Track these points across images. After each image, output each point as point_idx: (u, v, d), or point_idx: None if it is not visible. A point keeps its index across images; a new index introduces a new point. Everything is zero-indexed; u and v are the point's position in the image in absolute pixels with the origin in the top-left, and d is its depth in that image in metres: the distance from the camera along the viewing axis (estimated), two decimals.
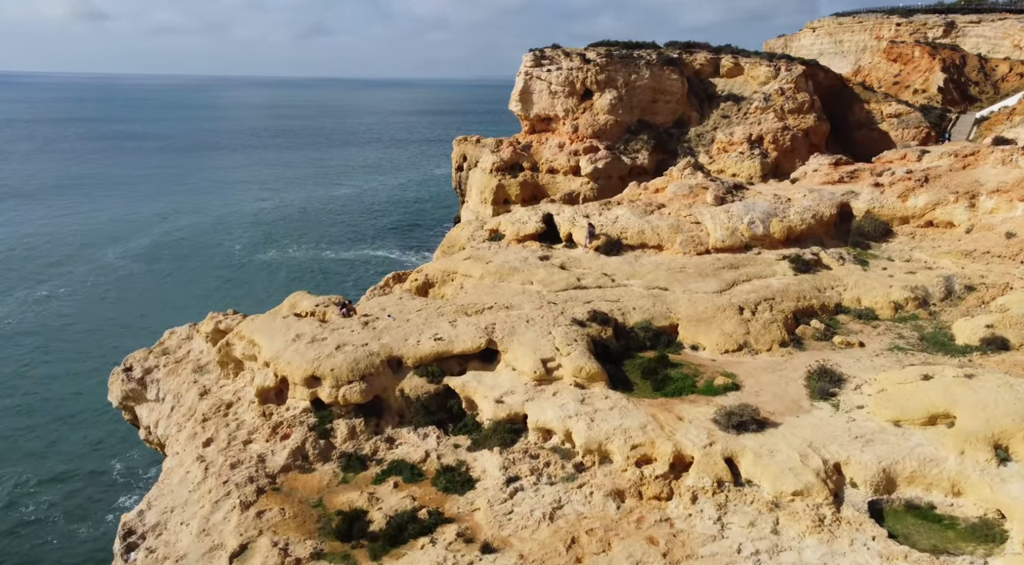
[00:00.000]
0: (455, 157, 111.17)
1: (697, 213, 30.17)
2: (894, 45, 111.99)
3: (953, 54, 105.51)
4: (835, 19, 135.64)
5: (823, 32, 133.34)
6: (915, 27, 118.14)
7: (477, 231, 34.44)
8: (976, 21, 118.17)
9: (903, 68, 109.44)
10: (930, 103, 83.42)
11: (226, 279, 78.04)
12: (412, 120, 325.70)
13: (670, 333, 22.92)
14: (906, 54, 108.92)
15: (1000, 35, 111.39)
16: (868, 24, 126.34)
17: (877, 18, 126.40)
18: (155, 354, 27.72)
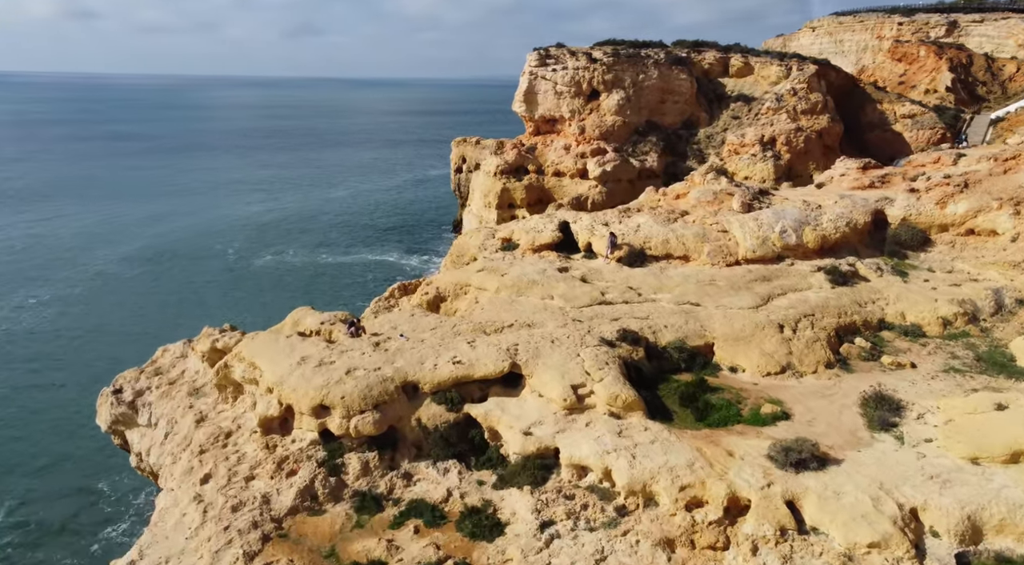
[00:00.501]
0: (454, 159, 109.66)
1: (724, 221, 28.74)
2: (899, 44, 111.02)
3: (960, 53, 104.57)
4: (835, 18, 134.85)
5: (823, 32, 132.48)
6: (917, 26, 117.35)
7: (488, 240, 32.95)
8: (979, 20, 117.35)
9: (908, 68, 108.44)
10: (942, 103, 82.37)
11: (220, 285, 76.43)
12: (405, 120, 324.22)
13: (705, 353, 21.47)
14: (911, 54, 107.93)
15: (1004, 34, 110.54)
16: (869, 23, 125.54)
17: (878, 17, 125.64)
18: (147, 374, 26.11)
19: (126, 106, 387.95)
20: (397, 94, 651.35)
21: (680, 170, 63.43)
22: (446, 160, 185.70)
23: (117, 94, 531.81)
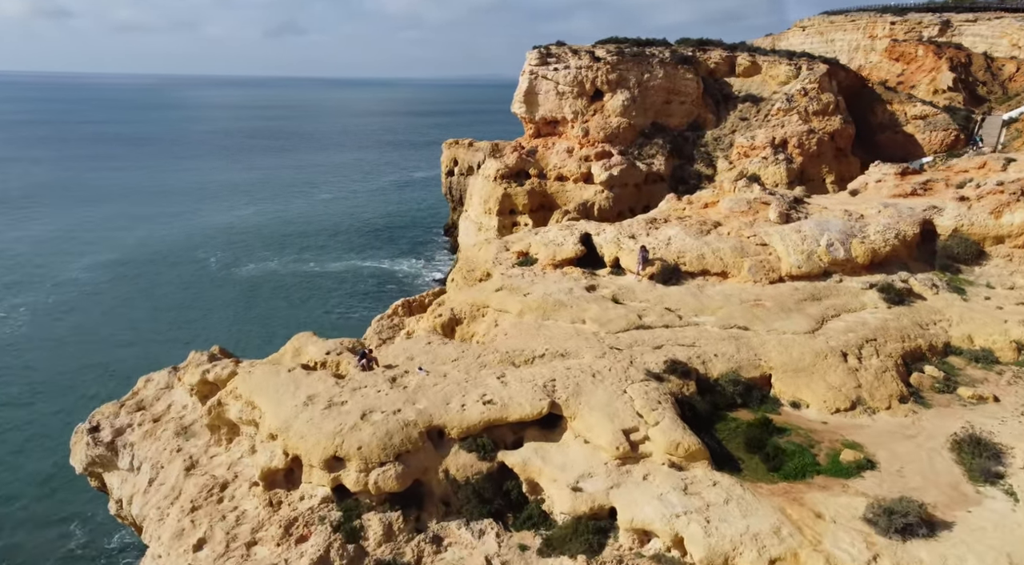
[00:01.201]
0: (445, 161, 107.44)
1: (763, 234, 26.75)
2: (896, 44, 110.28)
3: (959, 53, 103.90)
4: (826, 17, 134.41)
5: (813, 31, 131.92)
6: (910, 26, 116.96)
7: (501, 253, 30.74)
8: (972, 20, 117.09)
9: (907, 67, 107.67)
10: (951, 104, 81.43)
11: (203, 297, 73.47)
12: (389, 121, 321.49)
13: (762, 385, 19.42)
14: (909, 53, 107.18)
15: (997, 34, 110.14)
16: (861, 23, 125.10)
17: (870, 16, 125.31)
18: (127, 409, 23.64)
19: (103, 106, 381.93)
20: (379, 94, 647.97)
21: (688, 173, 61.71)
22: (432, 161, 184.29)
23: (94, 94, 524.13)
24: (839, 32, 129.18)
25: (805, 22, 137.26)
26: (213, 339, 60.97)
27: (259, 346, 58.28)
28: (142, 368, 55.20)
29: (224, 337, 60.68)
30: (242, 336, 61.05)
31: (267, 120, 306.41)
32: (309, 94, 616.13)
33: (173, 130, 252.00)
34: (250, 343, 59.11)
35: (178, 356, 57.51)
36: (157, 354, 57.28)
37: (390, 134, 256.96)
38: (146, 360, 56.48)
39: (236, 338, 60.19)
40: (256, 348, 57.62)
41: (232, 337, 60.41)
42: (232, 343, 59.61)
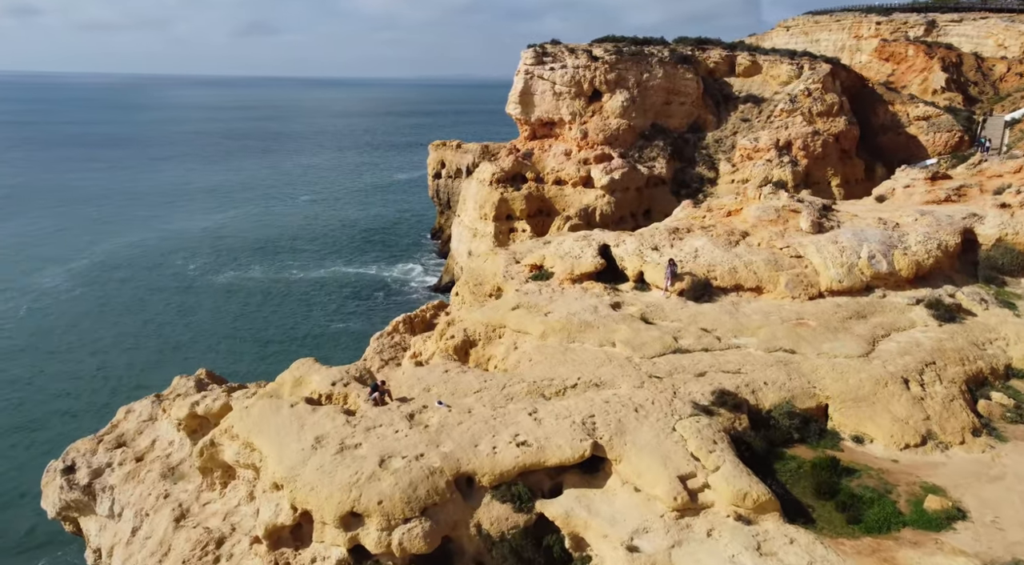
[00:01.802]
0: (432, 163, 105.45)
1: (796, 245, 25.23)
2: (886, 43, 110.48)
3: (949, 53, 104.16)
4: (810, 17, 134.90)
5: (798, 31, 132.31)
6: (895, 26, 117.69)
7: (511, 266, 28.94)
8: (958, 20, 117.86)
9: (897, 67, 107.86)
10: (952, 104, 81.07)
11: (183, 306, 70.73)
12: (367, 121, 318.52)
13: (818, 417, 17.81)
14: (899, 53, 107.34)
15: (983, 34, 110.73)
16: (846, 23, 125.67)
17: (855, 16, 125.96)
18: (106, 445, 21.50)
19: (71, 106, 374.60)
20: (355, 94, 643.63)
21: (689, 177, 60.37)
22: (414, 163, 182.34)
23: (62, 94, 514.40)
24: (824, 32, 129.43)
25: (789, 22, 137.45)
26: (195, 353, 58.70)
27: (249, 364, 55.83)
28: (119, 387, 52.84)
29: (208, 351, 58.20)
30: (227, 351, 58.61)
31: (243, 121, 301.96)
32: (284, 94, 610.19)
33: (146, 131, 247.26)
34: (238, 360, 56.68)
35: (159, 373, 55.00)
36: (135, 370, 54.83)
37: (368, 135, 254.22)
38: (124, 377, 54.00)
39: (221, 353, 57.78)
40: (245, 366, 55.18)
41: (217, 352, 58.02)
42: (218, 359, 57.09)
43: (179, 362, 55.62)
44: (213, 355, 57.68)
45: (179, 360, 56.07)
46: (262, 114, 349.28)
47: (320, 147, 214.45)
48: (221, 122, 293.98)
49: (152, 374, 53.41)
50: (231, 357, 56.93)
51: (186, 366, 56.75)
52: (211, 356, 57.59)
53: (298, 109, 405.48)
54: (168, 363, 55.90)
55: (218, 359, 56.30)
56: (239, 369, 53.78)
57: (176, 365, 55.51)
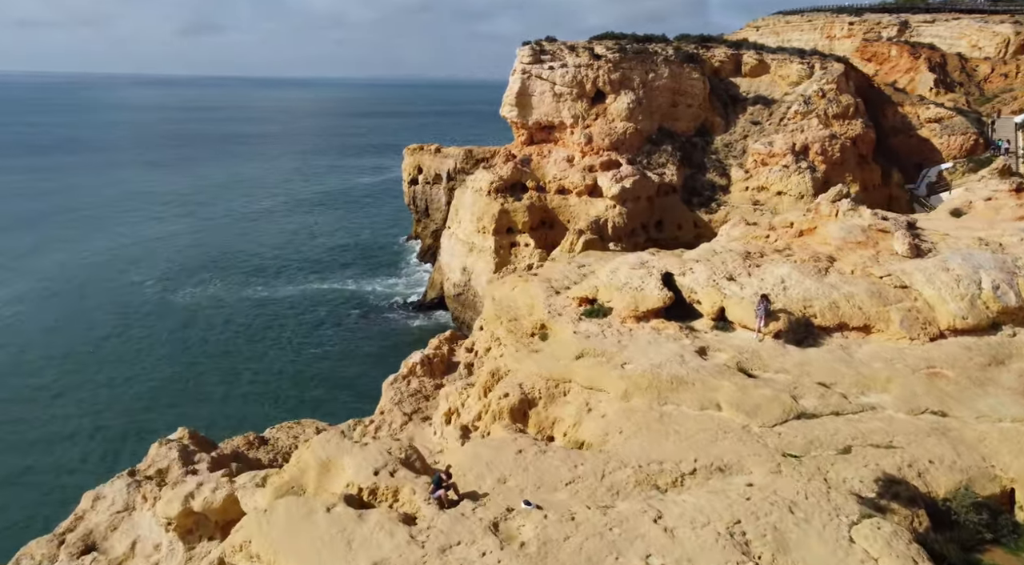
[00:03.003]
0: (408, 168, 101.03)
1: (898, 272, 22.06)
2: (868, 43, 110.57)
3: (933, 53, 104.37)
4: (781, 17, 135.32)
5: (768, 31, 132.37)
6: (869, 26, 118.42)
7: (552, 297, 25.24)
8: (930, 21, 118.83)
9: (879, 68, 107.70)
10: (956, 105, 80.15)
11: (144, 332, 64.79)
12: (322, 123, 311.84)
13: (1004, 505, 14.47)
14: (882, 53, 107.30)
15: (956, 35, 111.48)
16: (818, 23, 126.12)
17: (827, 16, 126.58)
18: (70, 549, 17.19)
19: (4, 107, 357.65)
20: (306, 94, 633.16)
21: (700, 184, 57.52)
22: (377, 166, 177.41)
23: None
24: (795, 32, 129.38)
25: (759, 22, 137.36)
26: (157, 392, 53.09)
27: (220, 405, 50.38)
28: (76, 433, 46.90)
29: (178, 388, 52.61)
30: (202, 386, 53.35)
31: (192, 123, 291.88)
32: (232, 94, 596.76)
33: (86, 134, 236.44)
34: (206, 399, 51.48)
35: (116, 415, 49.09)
36: (94, 415, 49.03)
37: (325, 137, 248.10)
38: (75, 420, 48.12)
39: (194, 390, 52.58)
40: (216, 407, 49.78)
41: (189, 388, 52.77)
42: (192, 399, 50.91)
43: (139, 401, 50.42)
44: (183, 389, 52.50)
45: (139, 399, 50.86)
46: (212, 115, 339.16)
47: (277, 150, 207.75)
48: (169, 124, 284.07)
49: (109, 416, 48.18)
50: (198, 396, 51.85)
51: (148, 407, 51.22)
52: (181, 390, 52.46)
53: (249, 110, 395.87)
54: (126, 401, 50.67)
55: (192, 395, 51.24)
56: (210, 413, 48.90)
57: (135, 404, 50.27)
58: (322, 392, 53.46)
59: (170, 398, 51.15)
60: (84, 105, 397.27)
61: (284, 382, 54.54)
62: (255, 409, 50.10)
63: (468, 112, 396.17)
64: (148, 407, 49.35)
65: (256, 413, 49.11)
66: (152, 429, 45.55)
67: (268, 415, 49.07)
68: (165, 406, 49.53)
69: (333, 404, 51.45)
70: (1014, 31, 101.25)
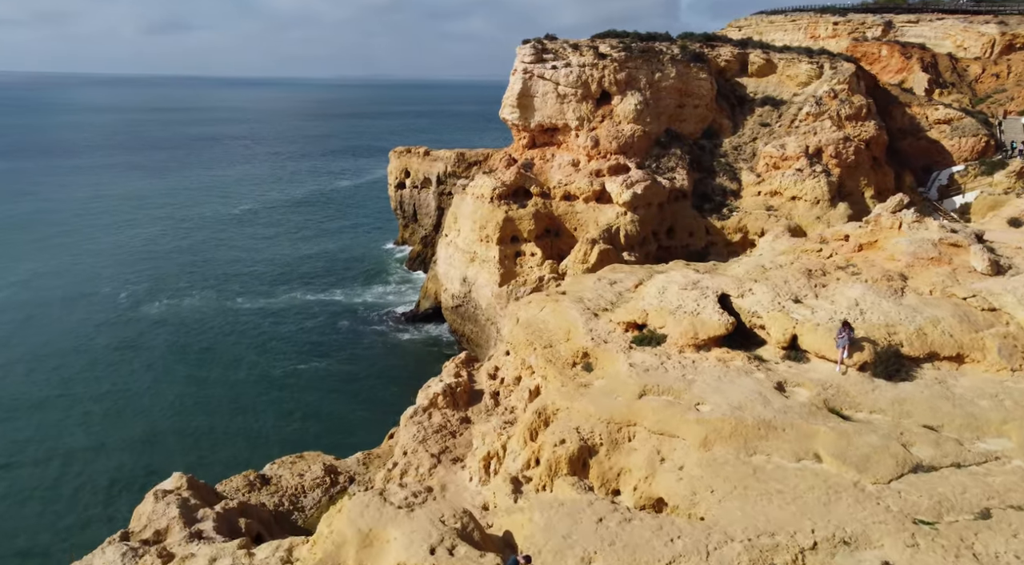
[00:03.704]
0: (394, 172, 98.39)
1: (984, 293, 20.17)
2: (858, 43, 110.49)
3: (924, 53, 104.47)
4: (764, 17, 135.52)
5: (750, 31, 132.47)
6: (853, 26, 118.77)
7: (592, 321, 23.04)
8: (915, 21, 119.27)
9: (869, 68, 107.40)
10: (960, 105, 79.39)
11: (111, 353, 61.25)
12: (295, 124, 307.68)
13: None
14: (872, 53, 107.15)
15: (940, 35, 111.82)
16: (802, 23, 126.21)
17: (811, 16, 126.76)
18: None
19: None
20: (278, 94, 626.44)
21: (711, 189, 55.75)
22: (356, 168, 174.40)
23: None
24: (779, 32, 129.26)
25: (741, 22, 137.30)
26: (141, 419, 49.28)
27: (218, 435, 46.90)
28: (49, 491, 42.47)
29: (158, 416, 49.05)
30: (184, 414, 50.11)
31: (160, 125, 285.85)
32: (201, 94, 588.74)
33: (49, 137, 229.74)
34: (204, 430, 48.02)
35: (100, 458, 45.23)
36: (65, 456, 45.33)
37: (299, 139, 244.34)
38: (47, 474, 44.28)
39: (176, 418, 49.32)
40: (214, 437, 46.42)
41: (169, 417, 49.49)
42: (175, 430, 47.34)
43: (116, 435, 46.71)
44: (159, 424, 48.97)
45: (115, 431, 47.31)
46: (181, 117, 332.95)
47: (250, 152, 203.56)
48: (137, 126, 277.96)
49: (84, 458, 44.33)
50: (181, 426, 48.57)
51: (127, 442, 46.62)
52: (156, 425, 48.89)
53: (219, 111, 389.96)
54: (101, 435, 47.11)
55: (167, 430, 47.82)
56: (196, 445, 45.77)
57: (112, 439, 46.44)
58: (316, 415, 50.66)
59: (150, 429, 47.85)
60: (47, 106, 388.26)
61: (273, 405, 51.63)
62: (245, 437, 47.22)
63: (443, 112, 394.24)
64: (128, 443, 45.80)
65: (247, 442, 46.30)
66: (135, 471, 42.32)
67: (260, 443, 46.26)
68: (146, 441, 46.07)
69: (330, 428, 48.74)
70: (999, 31, 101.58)
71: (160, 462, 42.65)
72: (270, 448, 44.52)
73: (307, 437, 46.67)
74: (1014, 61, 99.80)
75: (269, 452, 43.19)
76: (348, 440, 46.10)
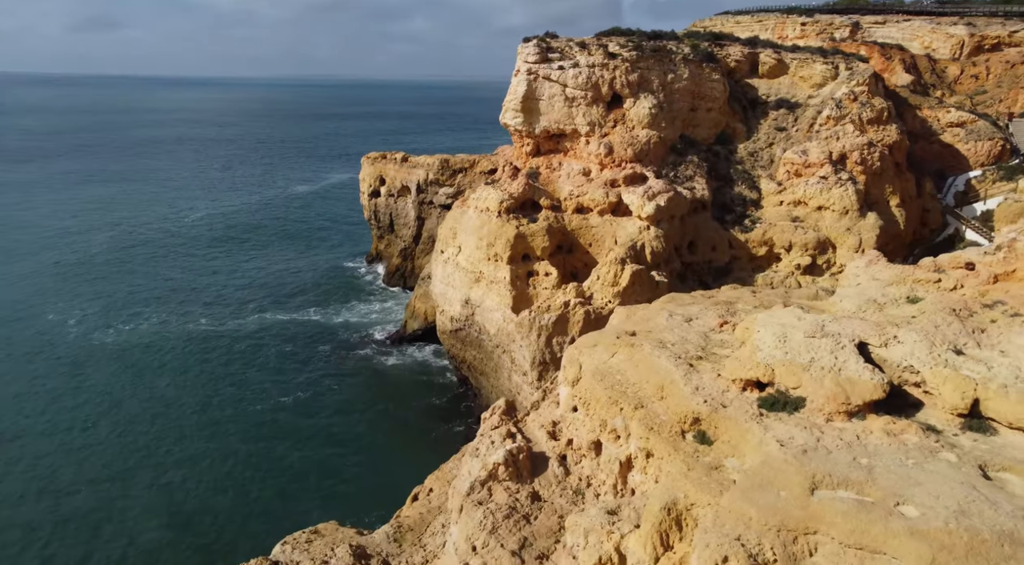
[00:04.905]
0: (368, 179, 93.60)
1: None
2: (835, 43, 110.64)
3: (903, 54, 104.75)
4: (730, 18, 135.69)
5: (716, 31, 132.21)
6: (821, 27, 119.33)
7: (693, 375, 19.37)
8: (881, 22, 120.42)
9: None
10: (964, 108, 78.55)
11: (67, 389, 55.08)
12: (241, 126, 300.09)
13: None
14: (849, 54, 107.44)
15: (908, 36, 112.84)
16: (769, 23, 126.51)
17: (778, 17, 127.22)
18: None
19: None
20: (218, 95, 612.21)
21: (730, 198, 52.79)
22: (312, 172, 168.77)
23: None
24: (745, 33, 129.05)
25: (706, 22, 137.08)
26: (105, 485, 43.36)
27: (198, 497, 40.87)
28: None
29: (125, 479, 43.06)
30: (156, 472, 44.55)
31: (96, 128, 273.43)
32: (137, 95, 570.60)
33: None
34: (178, 496, 42.46)
35: (33, 533, 39.09)
36: (26, 514, 39.54)
37: (248, 141, 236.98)
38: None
39: (145, 481, 43.71)
40: (191, 501, 40.50)
41: (137, 478, 43.83)
42: (144, 499, 41.05)
43: (68, 507, 40.89)
44: (123, 489, 43.45)
45: (69, 500, 41.54)
46: (118, 119, 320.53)
47: (198, 157, 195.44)
48: (70, 129, 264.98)
49: (23, 541, 38.52)
50: (151, 491, 43.17)
51: (81, 517, 40.18)
52: (120, 491, 43.38)
53: (159, 112, 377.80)
54: (44, 508, 41.34)
55: (133, 498, 42.25)
56: (169, 521, 40.22)
57: (65, 511, 40.62)
58: (311, 463, 45.51)
59: (112, 496, 42.02)
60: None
61: (260, 455, 46.38)
62: (233, 498, 41.96)
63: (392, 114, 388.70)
64: (79, 518, 39.84)
65: (236, 505, 41.13)
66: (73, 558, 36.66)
67: (253, 507, 41.16)
68: (106, 516, 40.14)
69: (329, 478, 43.95)
70: (968, 32, 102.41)
71: (122, 544, 37.21)
72: (266, 511, 39.73)
73: (306, 493, 41.94)
74: (992, 62, 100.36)
75: (266, 518, 38.43)
76: (354, 494, 41.61)
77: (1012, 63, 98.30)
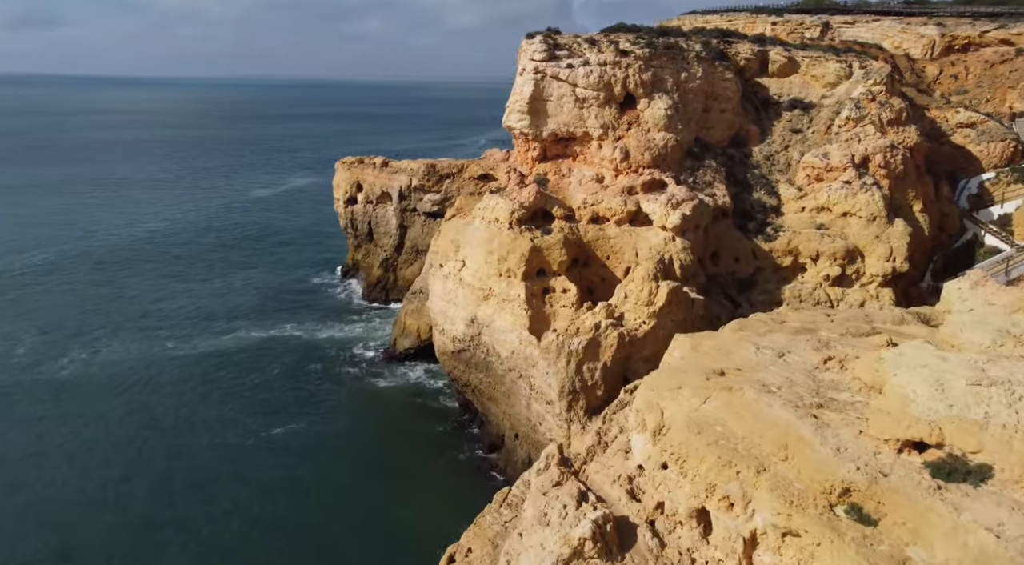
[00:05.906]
0: (343, 185, 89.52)
1: None
2: (812, 42, 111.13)
3: (882, 53, 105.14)
4: (698, 17, 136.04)
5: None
6: (792, 27, 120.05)
7: (822, 430, 16.66)
8: (851, 22, 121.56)
9: None
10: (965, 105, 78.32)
11: (20, 428, 49.73)
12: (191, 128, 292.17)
13: None
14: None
15: (878, 36, 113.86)
16: (738, 23, 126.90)
17: (748, 16, 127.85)
18: None
19: None
20: (164, 95, 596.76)
21: (750, 205, 50.62)
22: (271, 176, 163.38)
23: None
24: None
25: (674, 21, 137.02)
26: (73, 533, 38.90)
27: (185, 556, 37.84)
28: None
29: (97, 535, 38.45)
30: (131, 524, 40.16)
31: (34, 130, 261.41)
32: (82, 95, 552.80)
33: None
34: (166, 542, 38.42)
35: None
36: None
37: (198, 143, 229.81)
38: None
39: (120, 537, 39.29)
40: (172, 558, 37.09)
41: (109, 535, 39.34)
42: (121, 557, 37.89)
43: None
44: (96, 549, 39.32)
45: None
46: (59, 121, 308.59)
47: (148, 161, 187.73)
48: (7, 131, 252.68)
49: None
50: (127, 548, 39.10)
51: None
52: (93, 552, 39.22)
53: (103, 113, 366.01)
54: None
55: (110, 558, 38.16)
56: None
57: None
58: (319, 514, 41.42)
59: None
60: None
61: (254, 510, 41.93)
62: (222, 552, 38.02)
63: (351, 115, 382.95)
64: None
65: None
66: None
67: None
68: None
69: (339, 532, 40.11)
70: (939, 32, 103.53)
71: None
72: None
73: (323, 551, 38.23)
74: (971, 62, 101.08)
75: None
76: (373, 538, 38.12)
77: (991, 63, 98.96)
